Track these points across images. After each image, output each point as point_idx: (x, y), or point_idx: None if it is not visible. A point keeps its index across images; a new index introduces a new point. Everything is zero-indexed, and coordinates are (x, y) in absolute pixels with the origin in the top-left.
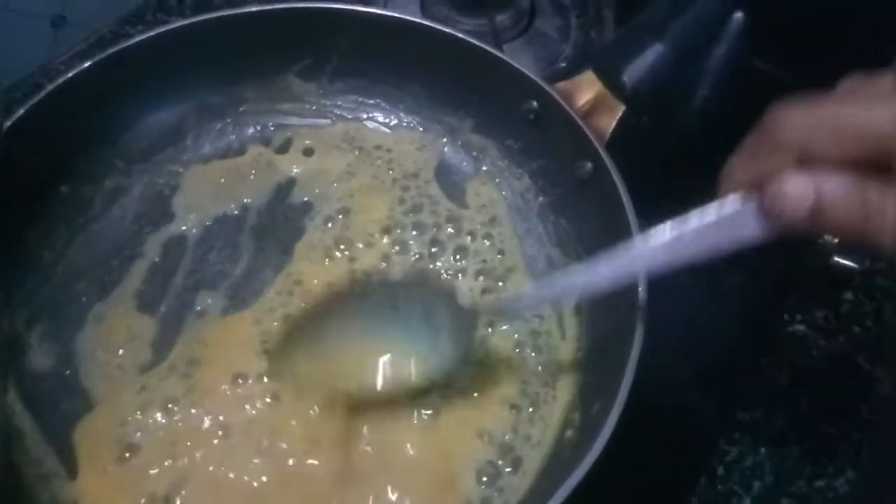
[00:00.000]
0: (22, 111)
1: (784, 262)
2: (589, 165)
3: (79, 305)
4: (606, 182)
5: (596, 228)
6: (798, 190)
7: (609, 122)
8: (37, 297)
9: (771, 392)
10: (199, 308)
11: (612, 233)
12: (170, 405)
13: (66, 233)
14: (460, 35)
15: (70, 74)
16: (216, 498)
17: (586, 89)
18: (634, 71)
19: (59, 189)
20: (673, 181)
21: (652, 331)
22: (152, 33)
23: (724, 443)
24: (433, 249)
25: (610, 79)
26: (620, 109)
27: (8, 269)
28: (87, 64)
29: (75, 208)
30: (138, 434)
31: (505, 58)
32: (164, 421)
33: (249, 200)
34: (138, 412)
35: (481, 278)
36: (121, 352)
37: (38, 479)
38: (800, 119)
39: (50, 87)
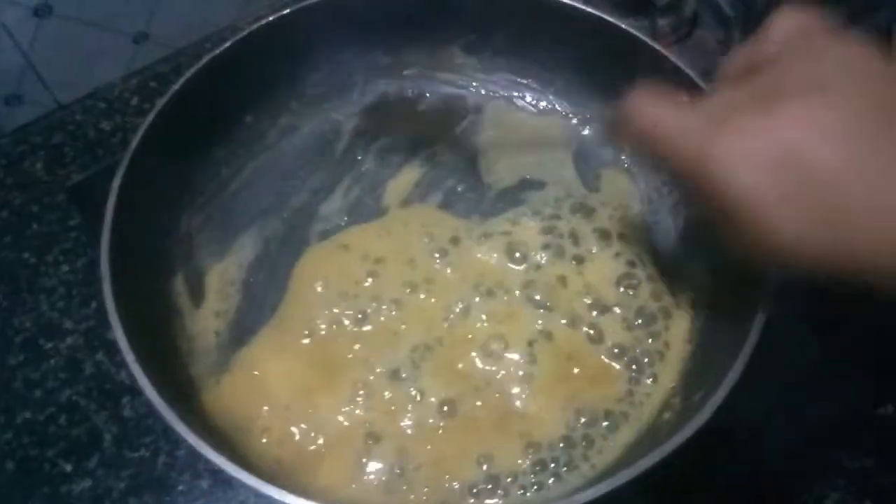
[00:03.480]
0: (228, 44)
1: None
2: None
3: (242, 218)
4: None
5: None
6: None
7: None
8: (211, 204)
9: (887, 445)
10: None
11: None
12: None
13: (243, 155)
14: (623, 26)
15: (270, 19)
16: None
17: None
18: None
19: (245, 118)
20: None
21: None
22: None
23: (826, 487)
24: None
25: None
26: None
27: (194, 177)
28: (286, 11)
29: (254, 136)
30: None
31: (664, 51)
32: None
33: None
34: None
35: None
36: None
37: (189, 354)
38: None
39: (248, 30)
